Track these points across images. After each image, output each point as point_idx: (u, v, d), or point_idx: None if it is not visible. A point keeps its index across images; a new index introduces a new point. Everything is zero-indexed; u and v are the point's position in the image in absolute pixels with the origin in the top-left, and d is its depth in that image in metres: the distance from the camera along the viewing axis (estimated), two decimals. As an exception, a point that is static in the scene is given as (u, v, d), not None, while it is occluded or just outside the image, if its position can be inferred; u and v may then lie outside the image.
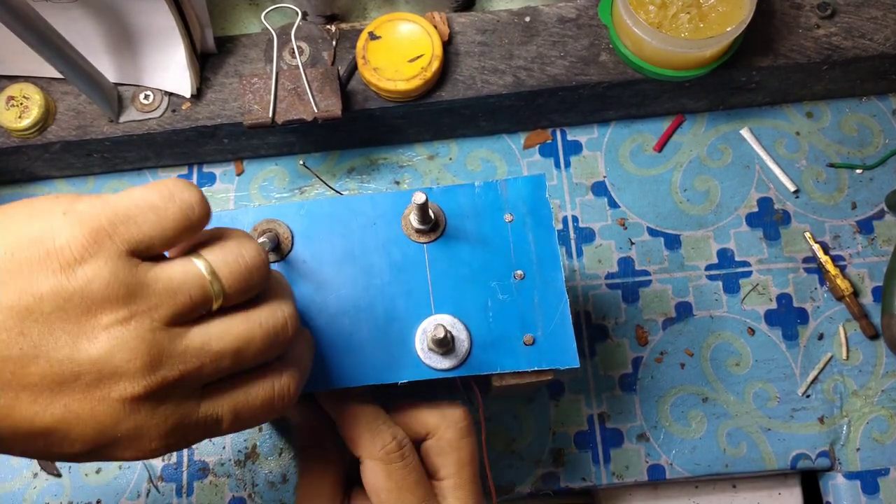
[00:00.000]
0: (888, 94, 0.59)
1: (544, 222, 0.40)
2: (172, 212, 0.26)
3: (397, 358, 0.38)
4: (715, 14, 0.50)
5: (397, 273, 0.39)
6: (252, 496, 0.51)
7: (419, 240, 0.40)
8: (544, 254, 0.39)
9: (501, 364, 0.38)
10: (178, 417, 0.27)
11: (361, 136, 0.57)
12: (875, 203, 0.56)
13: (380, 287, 0.39)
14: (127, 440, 0.26)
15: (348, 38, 0.54)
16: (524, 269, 0.39)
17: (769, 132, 0.58)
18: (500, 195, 0.40)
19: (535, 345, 0.38)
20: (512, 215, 0.40)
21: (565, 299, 0.39)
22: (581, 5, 0.55)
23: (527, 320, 0.38)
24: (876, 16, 0.54)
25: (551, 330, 0.38)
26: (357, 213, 0.40)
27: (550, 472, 0.51)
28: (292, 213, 0.40)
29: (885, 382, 0.52)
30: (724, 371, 0.53)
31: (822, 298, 0.54)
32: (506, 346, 0.38)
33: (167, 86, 0.53)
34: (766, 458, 0.51)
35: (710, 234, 0.56)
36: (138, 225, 0.25)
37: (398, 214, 0.40)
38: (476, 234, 0.40)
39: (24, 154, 0.54)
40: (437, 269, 0.39)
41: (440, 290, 0.39)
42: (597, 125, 0.58)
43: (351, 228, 0.40)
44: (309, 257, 0.39)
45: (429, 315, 0.38)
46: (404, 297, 0.39)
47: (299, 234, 0.40)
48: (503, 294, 0.39)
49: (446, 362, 0.37)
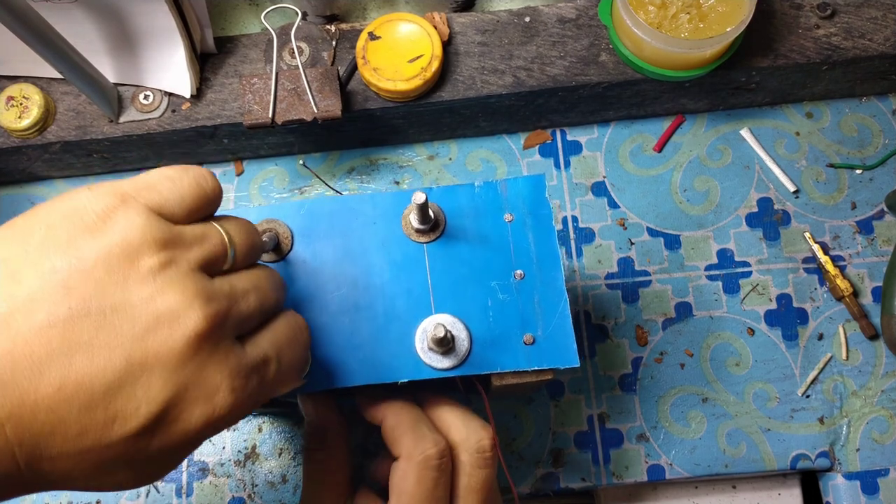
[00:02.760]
0: (888, 94, 0.59)
1: (544, 222, 0.40)
2: (188, 181, 0.28)
3: (397, 357, 0.38)
4: (715, 14, 0.50)
5: (397, 272, 0.39)
6: (252, 496, 0.51)
7: (419, 239, 0.40)
8: (544, 254, 0.39)
9: (501, 363, 0.38)
10: (235, 359, 0.27)
11: (361, 136, 0.57)
12: (875, 203, 0.56)
13: (380, 286, 0.39)
14: (195, 388, 0.25)
15: (348, 38, 0.54)
16: (524, 269, 0.39)
17: (769, 132, 0.58)
18: (499, 195, 0.40)
19: (535, 344, 0.38)
20: (512, 215, 0.40)
21: (565, 299, 0.39)
22: (581, 5, 0.55)
23: (527, 320, 0.38)
24: (876, 16, 0.54)
25: (551, 329, 0.38)
26: (357, 213, 0.40)
27: (550, 472, 0.51)
28: (292, 213, 0.40)
29: (885, 383, 0.52)
30: (724, 371, 0.53)
31: (821, 299, 0.54)
32: (506, 346, 0.38)
33: (167, 86, 0.53)
34: (765, 458, 0.51)
35: (710, 234, 0.56)
36: (158, 191, 0.27)
37: (398, 214, 0.40)
38: (476, 233, 0.40)
39: (24, 154, 0.54)
40: (437, 268, 0.39)
41: (440, 290, 0.39)
42: (597, 125, 0.58)
43: (351, 228, 0.40)
44: (309, 257, 0.39)
45: (429, 314, 0.38)
46: (404, 297, 0.39)
47: (299, 233, 0.40)
48: (503, 294, 0.39)
49: (446, 362, 0.37)
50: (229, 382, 0.26)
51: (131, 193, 0.26)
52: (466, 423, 0.38)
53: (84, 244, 0.25)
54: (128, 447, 0.25)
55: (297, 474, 0.52)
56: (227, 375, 0.26)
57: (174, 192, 0.27)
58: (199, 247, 0.27)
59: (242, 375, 0.27)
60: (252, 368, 0.27)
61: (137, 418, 0.24)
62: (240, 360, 0.27)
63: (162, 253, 0.25)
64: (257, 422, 0.53)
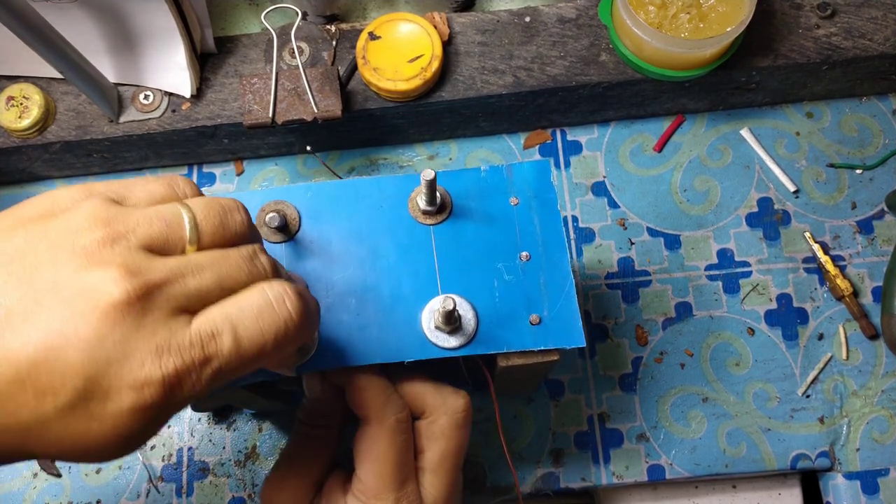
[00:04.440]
0: (888, 94, 0.59)
1: (549, 206, 0.40)
2: (159, 183, 0.30)
3: (404, 337, 0.38)
4: (715, 14, 0.50)
5: (404, 254, 0.39)
6: (252, 496, 0.51)
7: (426, 221, 0.40)
8: (549, 236, 0.40)
9: (508, 343, 0.38)
10: (167, 332, 0.25)
11: (361, 136, 0.57)
12: (875, 203, 0.56)
13: (386, 268, 0.39)
14: (118, 363, 0.24)
15: (348, 38, 0.54)
16: (530, 251, 0.39)
17: (769, 132, 0.58)
18: (505, 179, 0.41)
19: (541, 324, 0.38)
20: (517, 199, 0.40)
21: (571, 280, 0.39)
22: (581, 5, 0.55)
23: (532, 301, 0.39)
24: (876, 16, 0.54)
25: (557, 310, 0.38)
26: (364, 196, 0.40)
27: (550, 472, 0.51)
28: (300, 195, 0.40)
29: (885, 382, 0.52)
30: (724, 371, 0.53)
31: (821, 298, 0.54)
32: (512, 326, 0.38)
33: (167, 86, 0.53)
34: (765, 458, 0.51)
35: (710, 234, 0.56)
36: (126, 185, 0.29)
37: (405, 197, 0.40)
38: (482, 216, 0.40)
39: (24, 154, 0.54)
40: (444, 250, 0.39)
41: (446, 271, 0.39)
42: (597, 125, 0.58)
43: (358, 210, 0.40)
44: (316, 237, 0.40)
45: (435, 295, 0.39)
46: (411, 278, 0.39)
47: (307, 215, 0.40)
48: (509, 275, 0.39)
49: (453, 341, 0.37)
50: (155, 356, 0.25)
51: (100, 189, 0.28)
52: (440, 389, 0.39)
53: (36, 226, 0.26)
54: (68, 422, 0.25)
55: (298, 474, 0.52)
56: (152, 349, 0.25)
57: (143, 191, 0.29)
58: (148, 226, 0.27)
59: (174, 349, 0.25)
60: (192, 344, 0.26)
61: (65, 393, 0.24)
62: (173, 333, 0.26)
63: (101, 231, 0.26)
64: (257, 422, 0.53)
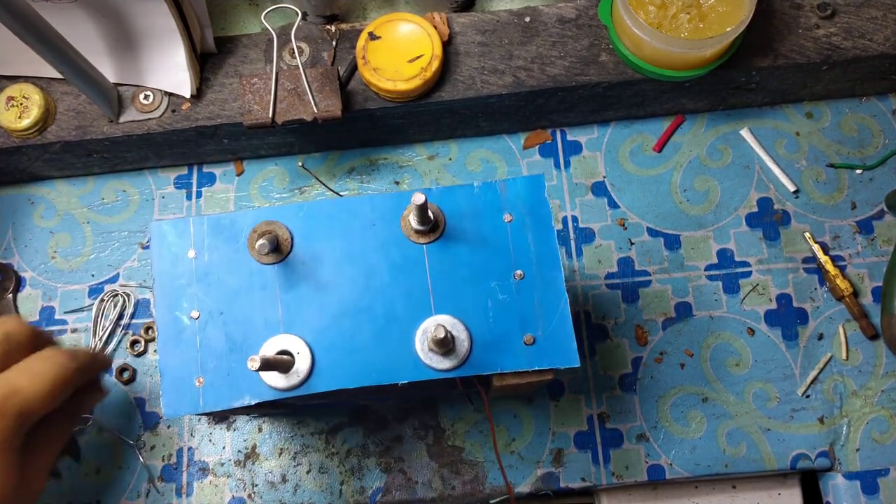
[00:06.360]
0: (888, 94, 0.59)
1: (544, 222, 0.40)
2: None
3: (398, 358, 0.38)
4: (715, 14, 0.50)
5: (397, 274, 0.39)
6: (252, 496, 0.51)
7: (419, 240, 0.39)
8: (544, 254, 0.39)
9: (502, 364, 0.38)
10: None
11: (361, 136, 0.57)
12: (875, 203, 0.56)
13: (380, 288, 0.39)
14: None
15: (348, 38, 0.54)
16: (524, 269, 0.39)
17: (769, 132, 0.58)
18: (499, 195, 0.40)
19: (535, 344, 0.38)
20: (511, 215, 0.40)
21: (565, 299, 0.39)
22: (581, 5, 0.55)
23: (527, 320, 0.38)
24: (876, 16, 0.54)
25: (551, 330, 0.38)
26: (356, 215, 0.40)
27: (550, 472, 0.51)
28: (292, 215, 0.40)
29: (885, 382, 0.52)
30: (724, 371, 0.53)
31: (821, 298, 0.54)
32: (506, 346, 0.38)
33: (167, 86, 0.53)
34: (765, 458, 0.51)
35: (710, 234, 0.56)
36: None
37: (397, 215, 0.40)
38: (475, 234, 0.40)
39: (24, 154, 0.54)
40: (437, 269, 0.39)
41: (440, 291, 0.39)
42: (597, 125, 0.58)
43: (350, 229, 0.40)
44: (309, 258, 0.39)
45: (429, 315, 0.38)
46: (404, 298, 0.39)
47: (299, 235, 0.40)
48: (503, 294, 0.39)
49: (447, 362, 0.37)
50: None
51: None
52: None
53: None
54: None
55: (297, 474, 0.52)
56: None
57: None
58: None
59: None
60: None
61: None
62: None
63: None
64: (257, 422, 0.53)
